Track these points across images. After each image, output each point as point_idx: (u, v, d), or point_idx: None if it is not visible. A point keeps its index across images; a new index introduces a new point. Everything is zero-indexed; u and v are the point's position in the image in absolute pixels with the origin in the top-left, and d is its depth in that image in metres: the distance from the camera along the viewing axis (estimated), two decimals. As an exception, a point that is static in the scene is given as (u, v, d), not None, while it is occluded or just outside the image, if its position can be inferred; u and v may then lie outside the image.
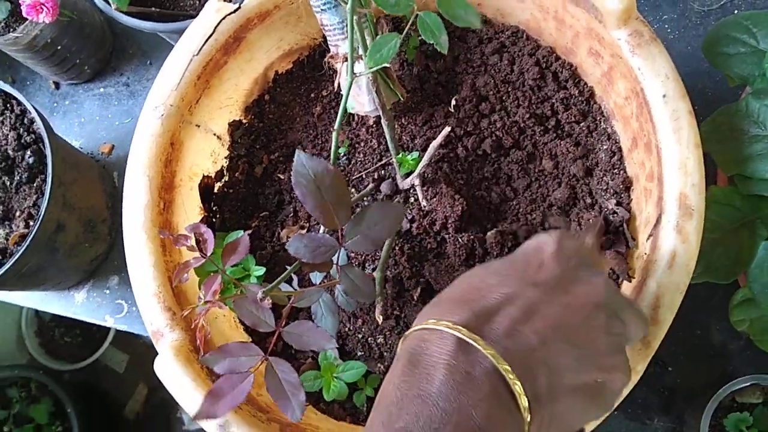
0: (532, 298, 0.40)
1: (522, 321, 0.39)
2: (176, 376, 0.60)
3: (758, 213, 0.65)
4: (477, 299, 0.40)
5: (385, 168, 0.74)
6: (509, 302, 0.39)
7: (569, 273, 0.42)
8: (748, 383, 0.71)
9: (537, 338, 0.38)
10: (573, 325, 0.40)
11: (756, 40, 0.68)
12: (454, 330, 0.38)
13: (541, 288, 0.41)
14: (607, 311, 0.42)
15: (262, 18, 0.71)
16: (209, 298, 0.54)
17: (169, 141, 0.68)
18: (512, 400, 0.37)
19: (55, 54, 0.95)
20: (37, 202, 0.81)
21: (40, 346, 1.71)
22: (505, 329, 0.38)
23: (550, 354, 0.38)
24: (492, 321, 0.39)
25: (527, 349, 0.38)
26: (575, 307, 0.40)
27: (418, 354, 0.38)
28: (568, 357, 0.39)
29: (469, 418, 0.35)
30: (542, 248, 0.44)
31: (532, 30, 0.74)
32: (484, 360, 0.37)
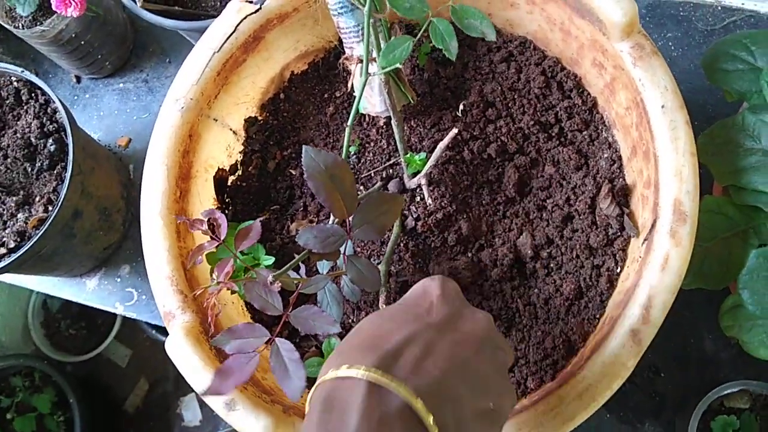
0: (428, 337, 0.44)
1: (423, 358, 0.42)
2: (186, 356, 0.63)
3: (751, 223, 0.68)
4: (380, 344, 0.42)
5: (393, 167, 0.77)
6: (410, 343, 0.43)
7: (455, 312, 0.47)
8: (736, 389, 0.74)
9: (439, 372, 0.41)
10: (465, 358, 0.44)
11: (754, 58, 0.71)
12: (366, 373, 0.39)
13: (434, 328, 0.45)
14: (491, 344, 0.47)
15: (281, 19, 0.74)
16: (222, 279, 0.57)
17: (187, 133, 0.71)
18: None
19: (78, 48, 0.98)
20: (57, 189, 0.84)
21: (46, 337, 1.73)
22: (412, 367, 0.41)
23: (451, 386, 0.42)
24: (398, 361, 0.41)
25: (433, 384, 0.41)
26: (465, 342, 0.45)
27: (331, 401, 0.40)
28: (466, 386, 0.42)
29: None
30: (429, 292, 0.49)
31: (540, 41, 0.77)
32: (396, 399, 0.39)
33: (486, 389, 0.44)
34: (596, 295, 0.70)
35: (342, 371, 0.41)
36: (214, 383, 0.57)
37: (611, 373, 0.58)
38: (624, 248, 0.70)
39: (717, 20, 0.95)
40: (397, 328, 0.44)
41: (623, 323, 0.60)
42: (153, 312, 0.99)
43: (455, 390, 0.42)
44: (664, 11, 0.97)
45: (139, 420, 1.85)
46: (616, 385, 0.58)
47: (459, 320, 0.47)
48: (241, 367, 0.58)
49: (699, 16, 0.96)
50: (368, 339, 0.44)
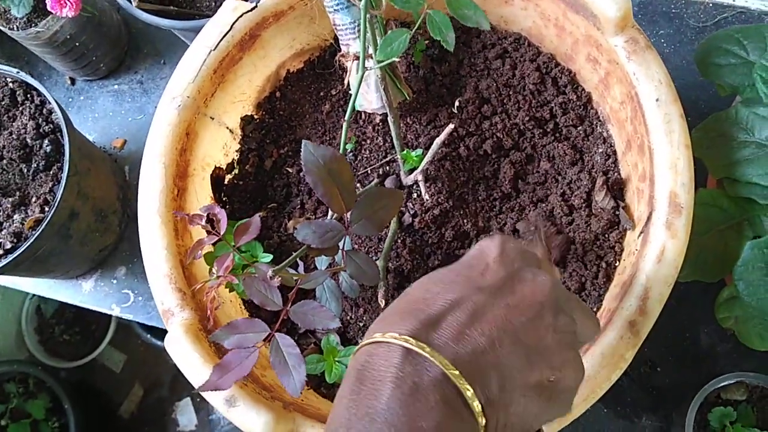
0: (478, 301, 0.40)
1: (469, 325, 0.38)
2: (185, 352, 0.63)
3: (745, 215, 0.68)
4: (422, 308, 0.40)
5: (389, 164, 0.77)
6: (455, 308, 0.39)
7: (513, 274, 0.42)
8: (733, 380, 0.74)
9: (485, 341, 0.38)
10: (520, 325, 0.39)
11: (746, 52, 0.72)
12: (401, 340, 0.37)
13: (486, 291, 0.40)
14: (554, 309, 0.41)
15: (277, 17, 0.75)
16: (221, 273, 0.57)
17: (184, 131, 0.71)
18: (465, 406, 0.36)
19: (73, 50, 0.98)
20: (53, 189, 0.84)
21: (39, 343, 1.72)
22: (453, 334, 0.38)
23: (499, 356, 0.38)
24: (439, 328, 0.38)
25: (476, 353, 0.37)
26: (521, 307, 0.40)
27: (365, 369, 0.37)
28: (517, 357, 0.38)
29: (419, 431, 0.34)
30: (485, 253, 0.44)
31: (534, 37, 0.78)
32: (432, 368, 0.36)
33: (544, 359, 0.40)
34: (594, 289, 0.70)
35: (377, 337, 0.38)
36: (212, 378, 0.57)
37: (610, 365, 0.58)
38: (620, 241, 0.71)
39: (708, 17, 0.96)
40: (443, 291, 0.41)
41: (620, 315, 0.60)
42: (150, 313, 0.98)
43: (504, 360, 0.38)
44: (655, 8, 0.98)
45: (134, 425, 1.84)
46: (615, 376, 0.59)
47: (517, 283, 0.41)
48: (241, 361, 0.58)
49: (690, 13, 0.97)
50: (412, 302, 0.41)
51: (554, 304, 0.41)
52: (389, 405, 0.35)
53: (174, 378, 1.87)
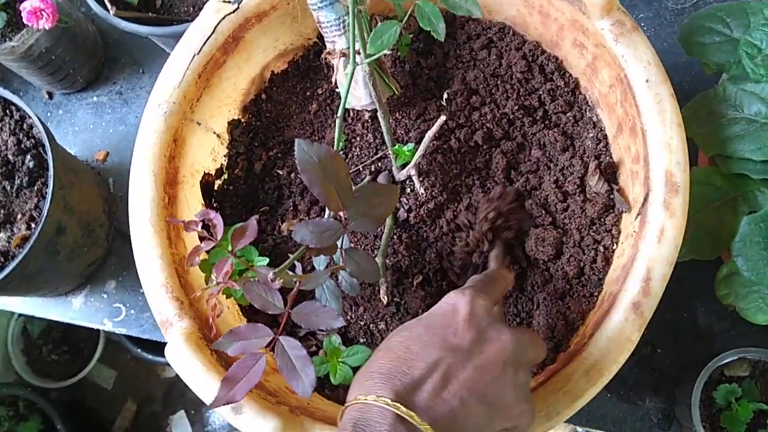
0: (451, 364, 0.47)
1: (443, 387, 0.46)
2: (187, 362, 0.61)
3: (739, 191, 0.69)
4: (405, 371, 0.47)
5: (381, 161, 0.76)
6: (432, 371, 0.47)
7: (481, 335, 0.50)
8: (735, 357, 0.74)
9: (457, 402, 0.46)
10: (485, 384, 0.47)
11: (730, 30, 0.72)
12: (392, 407, 0.44)
13: (458, 353, 0.48)
14: (514, 366, 0.49)
15: (259, 18, 0.74)
16: (221, 279, 0.56)
17: (172, 137, 0.70)
18: None
19: (49, 63, 0.96)
20: (39, 205, 0.83)
21: (27, 365, 1.70)
22: (431, 398, 0.46)
23: (467, 414, 0.46)
24: (420, 391, 0.46)
25: (450, 413, 0.45)
26: (486, 368, 0.48)
27: (362, 425, 0.44)
28: (482, 413, 0.47)
29: None
30: (457, 311, 0.51)
31: (518, 25, 0.78)
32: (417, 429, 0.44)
33: (504, 412, 0.48)
34: (593, 274, 0.70)
35: (371, 399, 0.46)
36: (222, 391, 0.56)
37: (617, 348, 0.58)
38: (616, 224, 0.71)
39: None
40: (421, 352, 0.48)
41: (624, 297, 0.60)
42: (143, 326, 0.97)
43: (473, 416, 0.46)
44: (634, -8, 0.98)
45: (129, 442, 1.82)
46: (623, 359, 0.59)
47: (483, 344, 0.49)
48: (249, 370, 0.57)
49: (668, -5, 0.97)
50: (394, 363, 0.48)
51: (514, 361, 0.49)
52: None
53: (167, 392, 1.85)
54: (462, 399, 0.46)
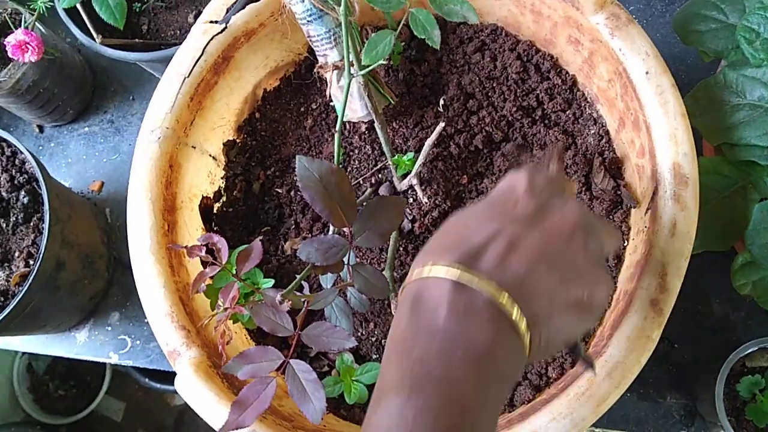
0: (514, 232, 0.43)
1: (508, 254, 0.42)
2: (198, 392, 0.60)
3: (748, 178, 0.67)
4: (464, 241, 0.43)
5: (381, 172, 0.75)
6: (493, 239, 0.42)
7: (544, 204, 0.45)
8: (755, 348, 0.73)
9: (524, 267, 0.41)
10: (554, 249, 0.43)
11: (725, 16, 0.71)
12: (451, 270, 0.40)
13: (521, 222, 0.44)
14: (583, 232, 0.45)
15: (248, 36, 0.73)
16: (228, 304, 0.54)
17: (167, 163, 0.69)
18: (511, 326, 0.40)
19: (38, 96, 0.95)
20: (36, 241, 0.81)
21: (35, 402, 1.68)
22: (495, 264, 0.41)
23: (538, 279, 0.42)
24: (481, 258, 0.41)
25: (517, 278, 0.41)
26: (553, 234, 0.44)
27: (419, 297, 0.41)
28: (554, 279, 0.42)
29: (476, 344, 0.39)
30: (515, 186, 0.47)
31: (511, 26, 0.77)
32: (481, 294, 0.40)
33: (577, 279, 0.43)
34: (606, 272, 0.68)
35: (426, 270, 0.42)
36: (232, 416, 0.55)
37: (638, 347, 0.57)
38: (626, 220, 0.70)
39: (676, -12, 0.96)
40: (480, 225, 0.44)
41: (641, 295, 0.58)
42: (150, 356, 0.95)
43: (543, 283, 0.42)
44: (623, -15, 0.97)
45: (144, 473, 1.80)
46: (644, 358, 0.57)
47: (548, 212, 0.45)
48: (259, 394, 0.56)
49: (658, -15, 0.97)
50: (452, 237, 0.44)
51: (583, 228, 0.45)
52: (447, 323, 0.39)
53: (177, 420, 1.83)
54: (529, 265, 0.42)
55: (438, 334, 0.39)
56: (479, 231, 0.43)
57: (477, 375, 0.39)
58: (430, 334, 0.39)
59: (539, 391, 0.66)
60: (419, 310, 0.41)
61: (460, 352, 0.39)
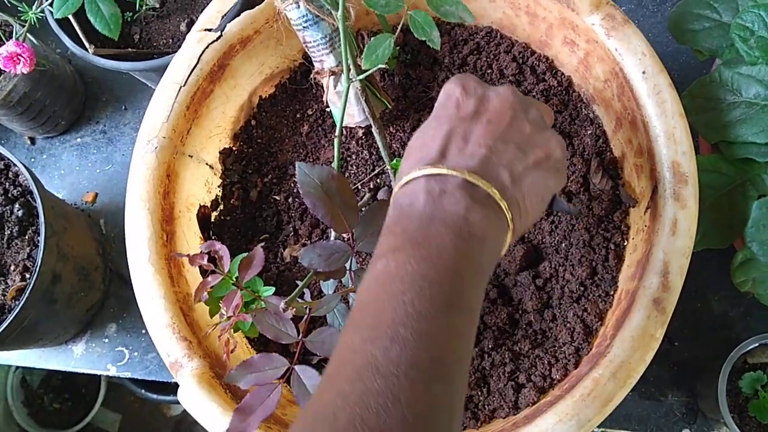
0: (464, 127, 0.49)
1: (466, 145, 0.48)
2: (201, 403, 0.59)
3: (746, 175, 0.68)
4: (426, 151, 0.48)
5: (379, 176, 0.75)
6: (450, 139, 0.48)
7: (480, 97, 0.51)
8: (756, 344, 0.73)
9: (483, 149, 0.47)
10: (502, 128, 0.49)
11: (719, 14, 0.72)
12: (422, 170, 0.46)
13: (467, 119, 0.50)
14: (522, 108, 0.51)
15: (243, 44, 0.72)
16: (231, 313, 0.54)
17: (165, 173, 0.68)
18: (487, 197, 0.46)
19: (30, 108, 0.94)
20: (32, 254, 0.80)
21: (29, 416, 1.66)
22: (458, 156, 0.47)
23: (497, 154, 0.48)
24: (446, 156, 0.47)
25: (480, 160, 0.47)
26: (497, 116, 0.50)
27: (400, 198, 0.47)
28: (511, 150, 0.48)
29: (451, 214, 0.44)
30: (452, 93, 0.52)
31: (506, 28, 0.77)
32: (451, 177, 0.46)
33: (530, 143, 0.50)
34: (606, 272, 0.69)
35: (403, 181, 0.47)
36: (234, 424, 0.54)
37: (642, 346, 0.57)
38: (625, 220, 0.70)
39: (667, -13, 0.96)
40: (436, 132, 0.49)
41: (643, 294, 0.59)
42: (148, 368, 0.94)
43: (502, 156, 0.48)
44: (614, -14, 0.98)
45: (141, 485, 1.78)
46: (649, 357, 0.57)
47: (485, 102, 0.51)
48: (263, 401, 0.55)
49: (649, -15, 0.97)
50: (415, 153, 0.50)
51: (519, 105, 0.51)
52: (424, 205, 0.45)
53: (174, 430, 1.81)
54: (486, 146, 0.48)
55: (417, 213, 0.44)
56: (435, 138, 0.49)
57: (455, 236, 0.43)
58: (412, 213, 0.45)
59: (543, 392, 0.66)
60: (401, 204, 0.46)
61: (438, 221, 0.44)
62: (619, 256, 0.69)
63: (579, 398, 0.57)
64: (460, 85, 0.52)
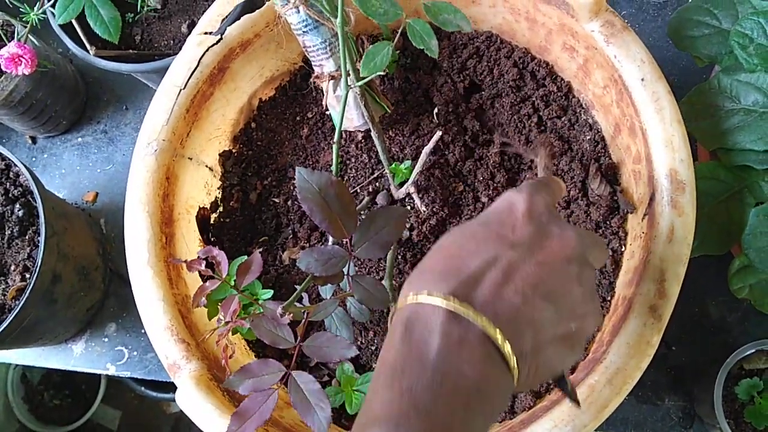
0: (511, 259, 0.42)
1: (504, 283, 0.41)
2: (199, 406, 0.60)
3: (744, 183, 0.68)
4: (460, 267, 0.42)
5: (378, 180, 0.75)
6: (490, 267, 0.41)
7: (542, 230, 0.44)
8: (752, 350, 0.73)
9: (519, 299, 0.41)
10: (550, 281, 0.42)
11: (718, 21, 0.72)
12: (446, 301, 0.40)
13: (518, 249, 0.42)
14: (579, 263, 0.44)
15: (243, 47, 0.73)
16: (229, 318, 0.54)
17: (164, 175, 0.69)
18: (502, 360, 0.40)
19: (31, 108, 0.94)
20: (32, 254, 0.81)
21: (29, 412, 1.66)
22: (490, 294, 0.40)
23: (532, 311, 0.41)
24: (477, 287, 0.41)
25: (512, 310, 0.40)
26: (550, 264, 0.43)
27: (413, 324, 0.40)
28: (547, 311, 0.41)
29: (466, 378, 0.38)
30: (514, 208, 0.45)
31: (506, 33, 0.77)
32: (475, 327, 0.39)
33: (569, 312, 0.43)
34: (603, 278, 0.69)
35: (422, 297, 0.41)
36: (231, 427, 0.55)
37: (638, 353, 0.57)
38: (622, 226, 0.70)
39: (667, -8, 0.96)
40: (477, 249, 0.43)
41: (639, 301, 0.59)
42: (147, 368, 0.95)
43: (537, 315, 0.41)
44: (614, -10, 0.98)
45: (141, 482, 1.79)
46: (645, 364, 0.57)
47: (545, 239, 0.44)
48: (260, 406, 0.55)
49: (649, -10, 0.97)
50: (447, 261, 0.43)
51: (579, 258, 0.44)
52: (439, 353, 0.38)
53: (174, 427, 1.82)
54: (525, 295, 0.41)
55: (429, 365, 0.38)
56: (475, 256, 0.42)
57: (464, 408, 0.38)
58: (421, 364, 0.38)
59: (540, 397, 0.66)
60: (411, 337, 0.40)
61: (450, 386, 0.38)
62: (616, 262, 0.69)
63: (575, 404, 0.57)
64: (527, 203, 0.45)
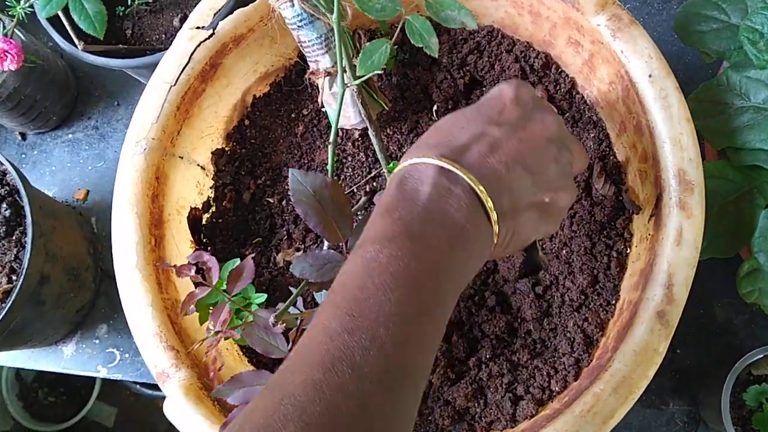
0: (496, 135, 0.47)
1: (489, 154, 0.46)
2: (188, 417, 0.58)
3: (753, 183, 0.66)
4: (451, 140, 0.47)
5: (375, 180, 0.73)
6: (478, 140, 0.47)
7: (526, 114, 0.50)
8: (761, 355, 0.71)
9: (503, 167, 0.46)
10: (530, 155, 0.48)
11: (727, 15, 0.69)
12: (437, 160, 0.45)
13: (504, 127, 0.48)
14: (557, 144, 0.50)
15: (237, 42, 0.70)
16: (219, 328, 0.52)
17: (154, 175, 0.66)
18: (485, 213, 0.45)
19: (20, 103, 0.92)
20: (19, 256, 0.78)
21: (24, 410, 1.65)
22: (476, 161, 0.46)
23: (512, 179, 0.46)
24: (465, 155, 0.46)
25: (495, 175, 0.46)
26: (532, 141, 0.48)
27: (406, 178, 0.45)
28: (525, 181, 0.47)
29: (452, 218, 0.43)
30: (503, 94, 0.50)
31: (507, 27, 0.74)
32: (462, 181, 0.44)
33: (545, 184, 0.48)
34: (608, 281, 0.67)
35: (415, 159, 0.46)
36: (221, 438, 0.53)
37: (645, 361, 0.55)
38: (628, 227, 0.68)
39: (673, -15, 0.94)
40: (468, 126, 0.48)
41: (647, 306, 0.57)
42: (140, 370, 0.93)
43: (515, 183, 0.46)
44: (619, -17, 0.95)
45: (137, 480, 1.77)
46: (652, 372, 0.55)
47: (529, 122, 0.49)
48: (252, 417, 0.53)
49: (654, -17, 0.95)
50: (441, 136, 0.48)
51: (558, 140, 0.50)
52: (429, 196, 0.43)
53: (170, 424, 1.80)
54: (507, 164, 0.46)
55: (419, 203, 0.43)
56: (465, 131, 0.47)
57: (449, 242, 0.43)
58: (413, 202, 0.43)
59: (542, 405, 0.64)
60: (405, 187, 0.44)
61: (439, 221, 0.43)
62: (621, 264, 0.67)
63: (579, 414, 0.55)
64: (514, 90, 0.51)
